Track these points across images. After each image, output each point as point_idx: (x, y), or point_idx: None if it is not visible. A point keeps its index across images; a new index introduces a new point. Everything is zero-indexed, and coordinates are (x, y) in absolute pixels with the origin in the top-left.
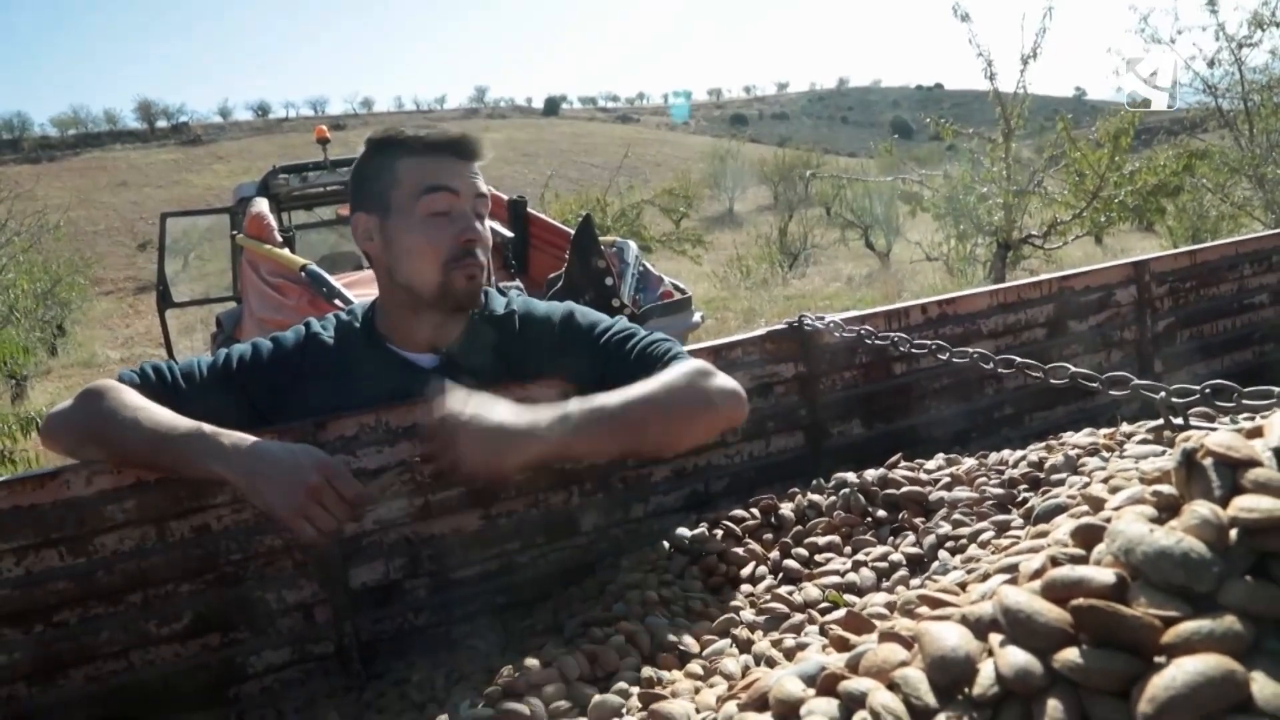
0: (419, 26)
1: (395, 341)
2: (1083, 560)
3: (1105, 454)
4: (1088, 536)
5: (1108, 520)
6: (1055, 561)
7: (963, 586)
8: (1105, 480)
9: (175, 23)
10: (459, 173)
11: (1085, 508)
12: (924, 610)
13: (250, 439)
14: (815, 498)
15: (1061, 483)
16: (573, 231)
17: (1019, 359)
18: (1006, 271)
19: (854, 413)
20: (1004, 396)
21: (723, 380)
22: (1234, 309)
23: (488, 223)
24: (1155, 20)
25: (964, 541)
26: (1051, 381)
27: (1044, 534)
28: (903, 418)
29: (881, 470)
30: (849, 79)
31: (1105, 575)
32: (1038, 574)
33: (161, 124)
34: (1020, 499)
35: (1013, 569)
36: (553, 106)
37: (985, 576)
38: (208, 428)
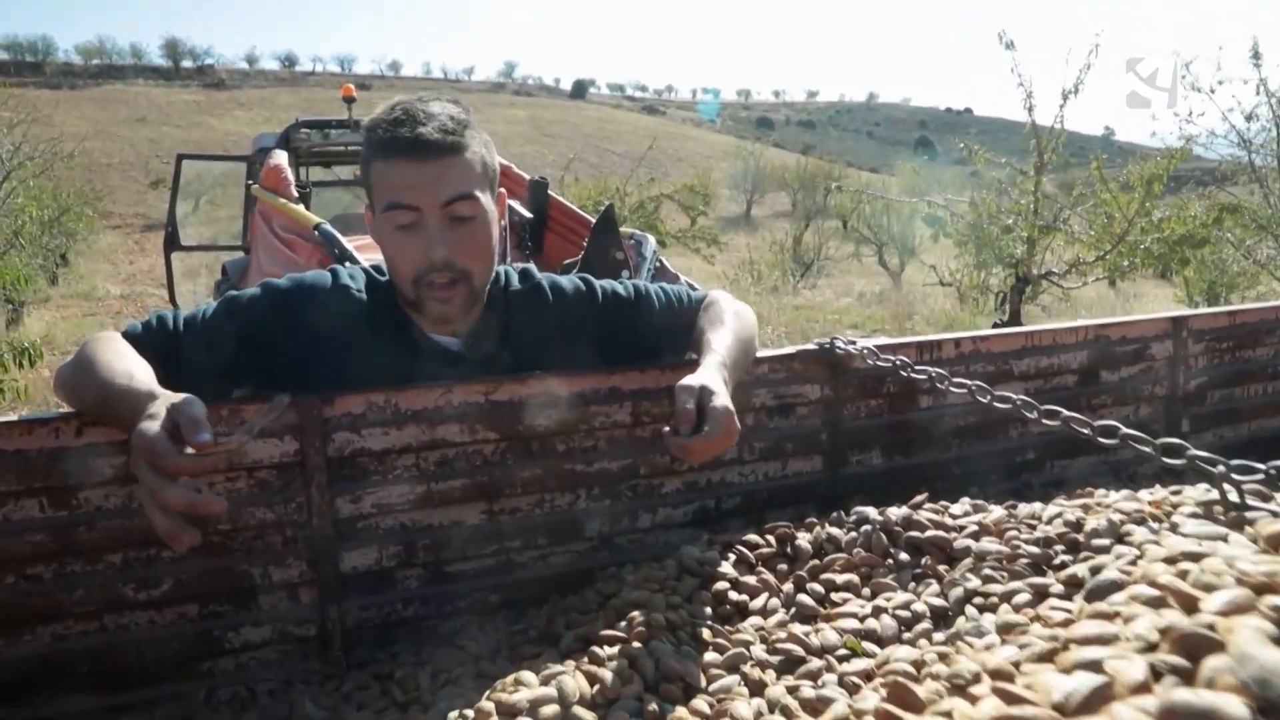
0: None
1: (415, 320)
2: (1188, 673)
3: (1153, 524)
4: (1191, 646)
5: (1209, 627)
6: (1157, 672)
7: (1016, 665)
8: (1169, 561)
9: None
10: (421, 182)
11: (1153, 592)
12: (981, 690)
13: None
14: (834, 531)
15: (1105, 550)
16: (591, 219)
17: (1065, 412)
18: (1021, 306)
19: (875, 442)
20: (1027, 441)
21: (735, 301)
22: (1268, 374)
23: (487, 202)
24: (1197, 68)
25: (994, 600)
26: (1099, 440)
27: (1104, 615)
28: (922, 453)
29: (905, 510)
30: (879, 94)
31: (1237, 709)
32: (1142, 687)
33: (186, 64)
34: (1058, 562)
35: (1082, 654)
36: (580, 89)
37: (1041, 656)
38: (146, 389)
